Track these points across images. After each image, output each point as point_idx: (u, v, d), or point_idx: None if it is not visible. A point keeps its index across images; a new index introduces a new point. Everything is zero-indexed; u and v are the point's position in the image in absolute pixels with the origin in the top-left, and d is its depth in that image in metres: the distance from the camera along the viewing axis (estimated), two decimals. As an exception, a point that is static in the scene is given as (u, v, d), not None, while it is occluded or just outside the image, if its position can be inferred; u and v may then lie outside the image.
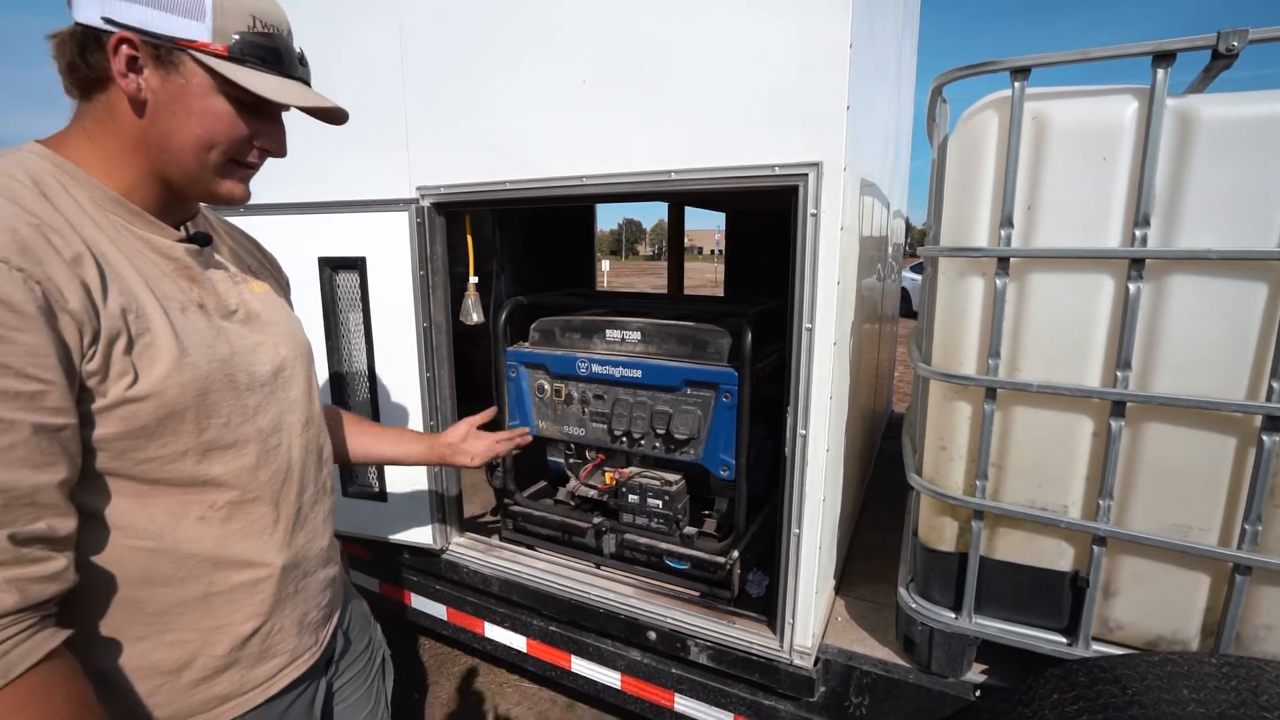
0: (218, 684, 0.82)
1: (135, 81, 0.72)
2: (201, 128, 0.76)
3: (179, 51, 0.73)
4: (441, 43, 1.67)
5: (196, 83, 0.75)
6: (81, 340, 0.65)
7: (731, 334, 1.70)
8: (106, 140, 0.75)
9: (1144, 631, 1.30)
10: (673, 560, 1.76)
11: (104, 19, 0.70)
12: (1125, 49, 1.16)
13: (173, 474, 0.75)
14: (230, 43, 0.75)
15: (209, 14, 0.73)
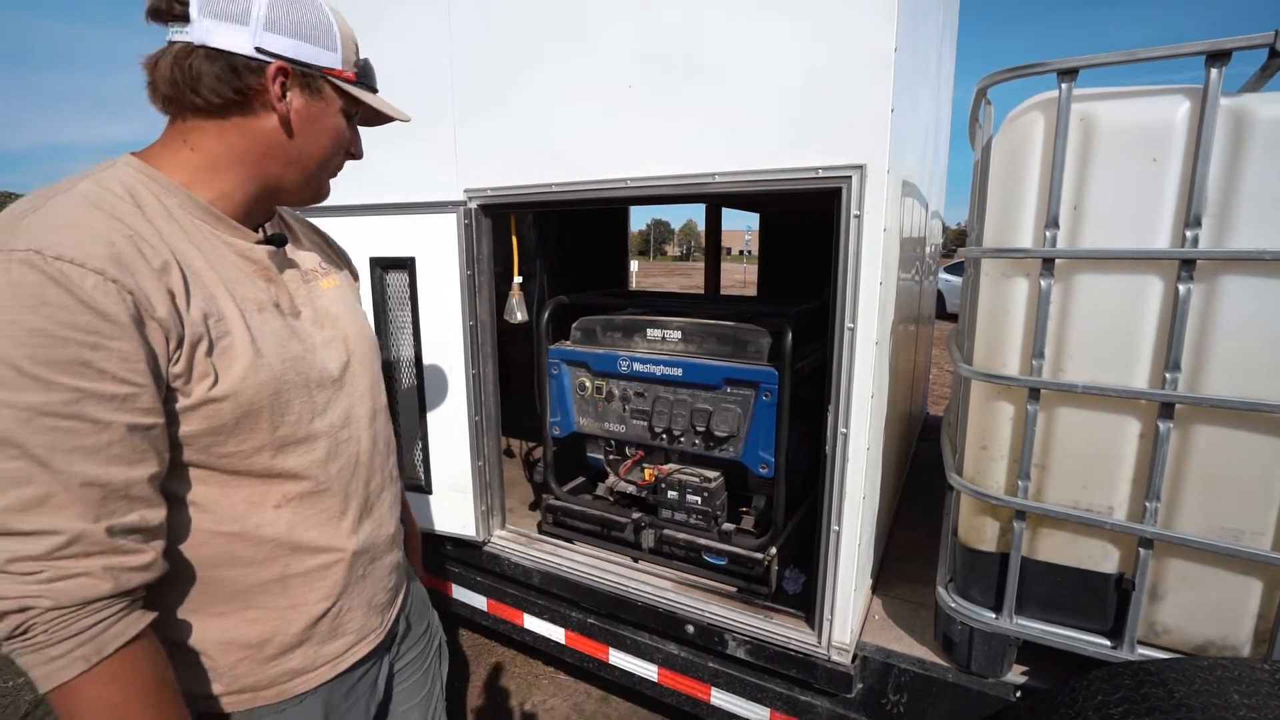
0: (292, 659, 0.87)
1: (288, 105, 0.81)
2: (330, 140, 0.87)
3: (320, 78, 0.83)
4: (489, 50, 1.73)
5: (332, 104, 0.85)
6: (167, 345, 0.70)
7: (772, 334, 1.72)
8: (218, 152, 0.80)
9: (1192, 636, 1.29)
10: (711, 556, 1.79)
11: (257, 49, 0.77)
12: (1178, 49, 1.16)
13: (250, 467, 0.80)
14: (354, 69, 0.86)
15: (339, 45, 0.84)
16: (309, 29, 0.80)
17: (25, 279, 0.62)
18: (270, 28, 0.77)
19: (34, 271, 0.62)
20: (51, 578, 0.62)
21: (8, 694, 2.41)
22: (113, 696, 0.65)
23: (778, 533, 1.72)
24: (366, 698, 1.00)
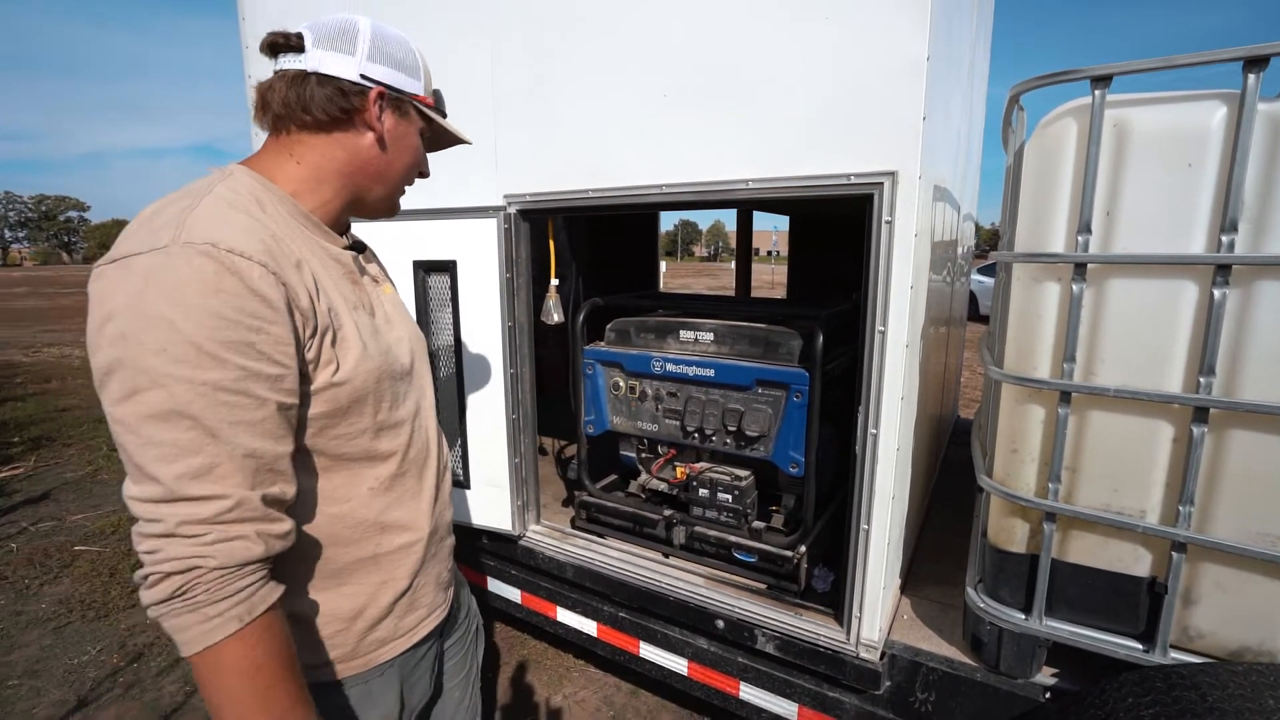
0: (380, 629, 0.96)
1: (383, 126, 0.92)
2: (411, 158, 0.99)
3: (408, 103, 0.95)
4: (529, 62, 1.80)
5: (414, 125, 0.97)
6: (305, 333, 0.79)
7: (803, 336, 1.76)
8: (321, 165, 0.89)
9: (1226, 641, 1.29)
10: (740, 553, 1.83)
11: (361, 75, 0.88)
12: (1215, 55, 1.16)
13: (351, 449, 0.89)
14: (432, 96, 1.00)
15: (421, 75, 0.97)
16: (400, 61, 0.92)
17: (205, 268, 0.69)
18: (371, 59, 0.89)
19: (212, 262, 0.70)
20: (216, 539, 0.70)
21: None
22: (257, 657, 0.72)
23: (807, 531, 1.75)
24: (428, 670, 1.08)
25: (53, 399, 7.22)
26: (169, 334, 0.67)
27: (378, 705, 0.98)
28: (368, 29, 0.90)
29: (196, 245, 0.70)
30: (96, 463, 5.09)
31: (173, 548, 0.68)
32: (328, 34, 0.88)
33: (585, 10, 1.69)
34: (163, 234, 0.71)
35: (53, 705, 2.40)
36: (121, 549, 3.63)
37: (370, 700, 0.98)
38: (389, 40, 0.92)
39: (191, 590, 0.69)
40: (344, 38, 0.88)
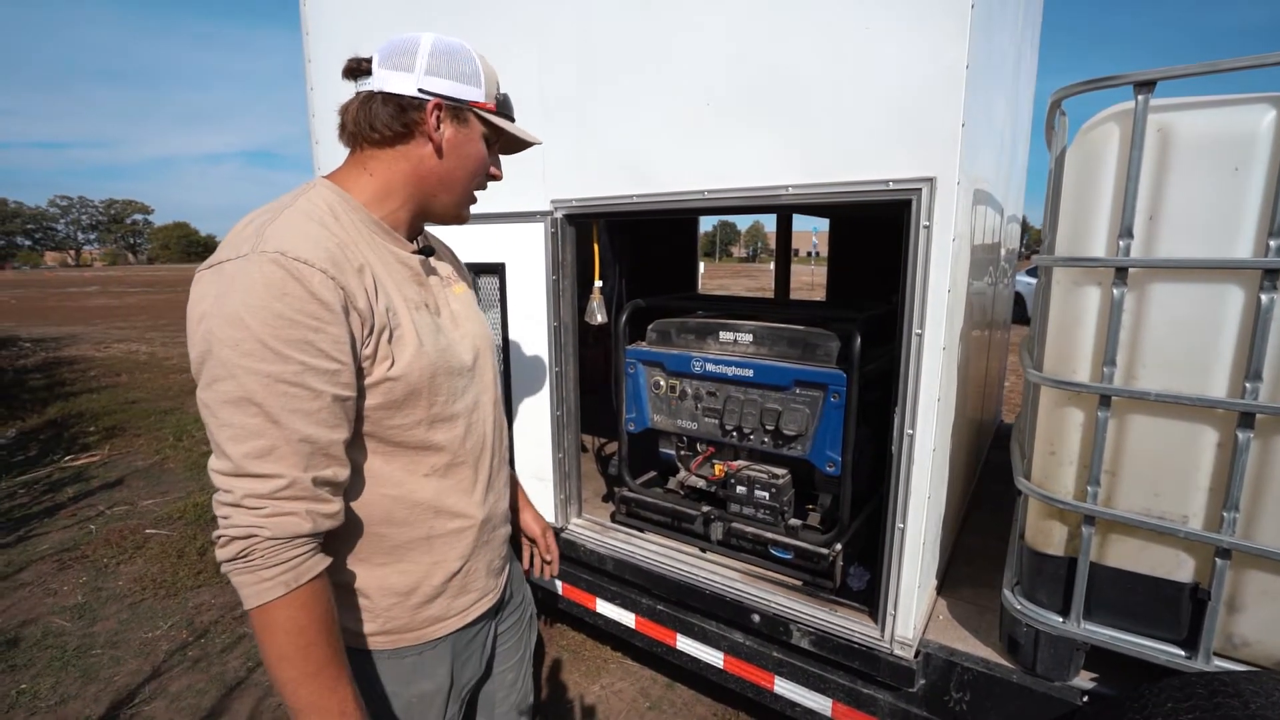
0: (432, 607, 1.04)
1: (441, 135, 0.98)
2: (474, 163, 1.03)
3: (468, 110, 1.00)
4: (577, 71, 1.88)
5: (475, 132, 1.02)
6: (362, 332, 0.87)
7: (841, 338, 1.79)
8: (390, 177, 0.98)
9: (1273, 650, 1.27)
10: (777, 550, 1.87)
11: (419, 90, 0.95)
12: (1261, 59, 1.15)
13: (409, 438, 0.97)
14: (494, 101, 1.03)
15: (482, 82, 1.00)
16: (459, 71, 0.97)
17: (273, 274, 0.79)
18: (429, 73, 0.95)
19: (279, 269, 0.79)
20: (271, 513, 0.79)
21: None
22: (300, 619, 0.81)
23: (844, 529, 1.78)
24: (479, 651, 1.16)
25: (123, 392, 7.68)
26: (241, 331, 0.77)
27: (430, 677, 1.06)
28: (428, 44, 0.96)
29: (269, 254, 0.79)
30: (164, 452, 5.41)
31: (238, 516, 0.79)
32: (390, 54, 0.96)
33: (632, 23, 1.76)
34: (245, 244, 0.81)
35: (130, 674, 2.60)
36: (188, 533, 3.86)
37: (422, 671, 1.06)
38: (448, 52, 0.97)
39: (250, 555, 0.79)
40: (404, 55, 0.95)
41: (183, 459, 5.25)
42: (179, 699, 2.45)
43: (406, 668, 1.04)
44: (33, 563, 3.49)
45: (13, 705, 2.41)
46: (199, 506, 4.24)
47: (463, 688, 1.14)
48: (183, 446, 5.56)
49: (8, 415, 6.50)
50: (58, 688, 2.51)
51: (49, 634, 2.86)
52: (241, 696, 2.47)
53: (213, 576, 3.36)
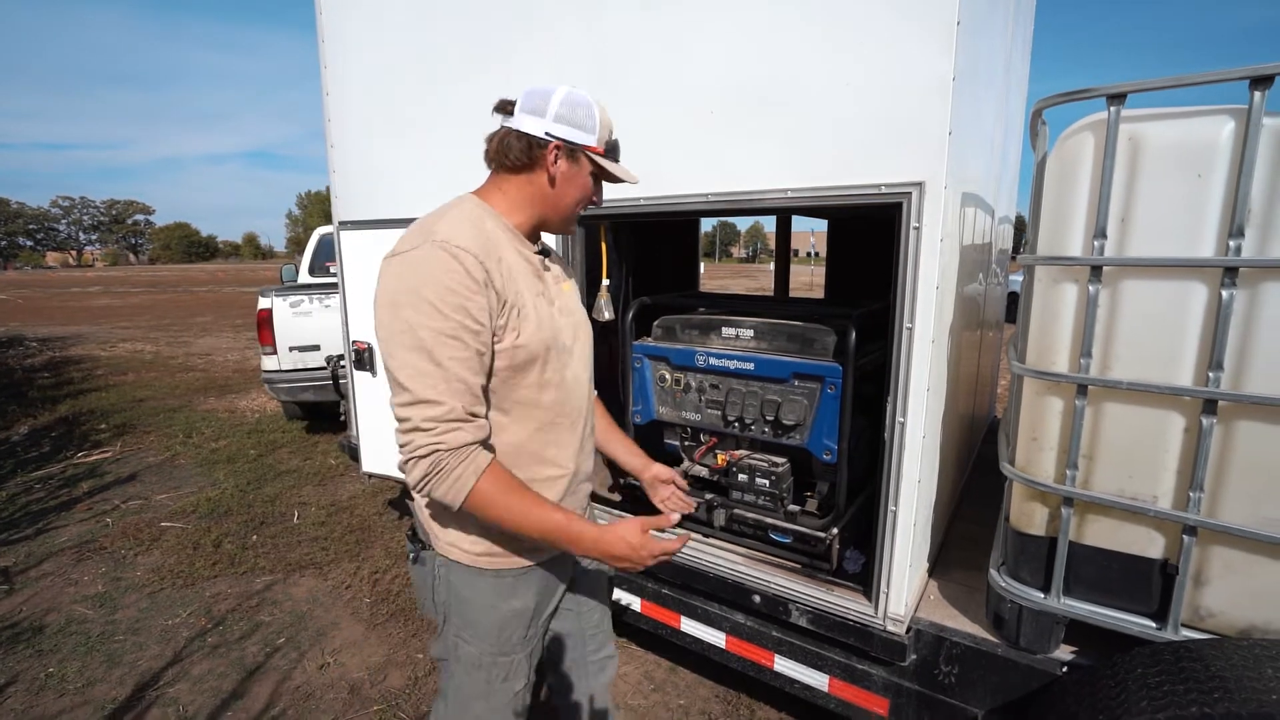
0: (527, 539, 1.26)
1: (557, 170, 1.24)
2: (580, 193, 1.30)
3: (581, 153, 1.26)
4: (588, 80, 1.97)
5: (585, 169, 1.28)
6: (497, 306, 1.14)
7: (837, 332, 1.89)
8: (518, 196, 1.27)
9: (1236, 620, 1.37)
10: (776, 534, 1.97)
11: (546, 133, 1.22)
12: (1224, 74, 1.25)
13: (524, 397, 1.23)
14: (604, 146, 1.29)
15: (597, 130, 1.26)
16: (579, 121, 1.24)
17: (441, 257, 1.08)
18: (556, 120, 1.22)
19: (444, 253, 1.09)
20: (444, 431, 1.08)
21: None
22: (501, 486, 1.13)
23: (840, 514, 1.88)
24: (559, 587, 1.43)
25: (130, 390, 7.79)
26: (418, 297, 1.07)
27: (520, 598, 1.31)
28: (559, 96, 1.22)
29: (437, 242, 1.10)
30: (174, 449, 5.51)
31: (419, 439, 1.08)
32: (529, 101, 1.23)
33: (641, 33, 1.86)
34: (419, 238, 1.12)
35: (153, 659, 2.70)
36: (203, 526, 3.96)
37: (513, 592, 1.30)
38: (574, 105, 1.23)
39: (440, 466, 1.08)
40: (539, 103, 1.22)
41: (193, 455, 5.35)
42: (201, 681, 2.55)
43: (505, 586, 1.29)
44: (52, 554, 3.59)
45: (42, 688, 2.51)
46: (212, 500, 4.34)
47: (544, 614, 1.39)
48: (192, 443, 5.66)
49: (19, 413, 6.60)
50: (84, 671, 2.61)
51: (72, 621, 2.96)
52: (261, 680, 2.56)
53: (228, 567, 3.46)
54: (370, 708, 2.41)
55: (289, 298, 5.31)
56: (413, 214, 2.44)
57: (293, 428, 6.09)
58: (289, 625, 2.95)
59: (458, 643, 1.32)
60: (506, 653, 1.33)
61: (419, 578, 1.37)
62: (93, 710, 2.39)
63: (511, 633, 1.32)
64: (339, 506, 4.29)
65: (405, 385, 1.08)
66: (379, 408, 2.83)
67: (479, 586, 1.28)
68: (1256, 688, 1.16)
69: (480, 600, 1.29)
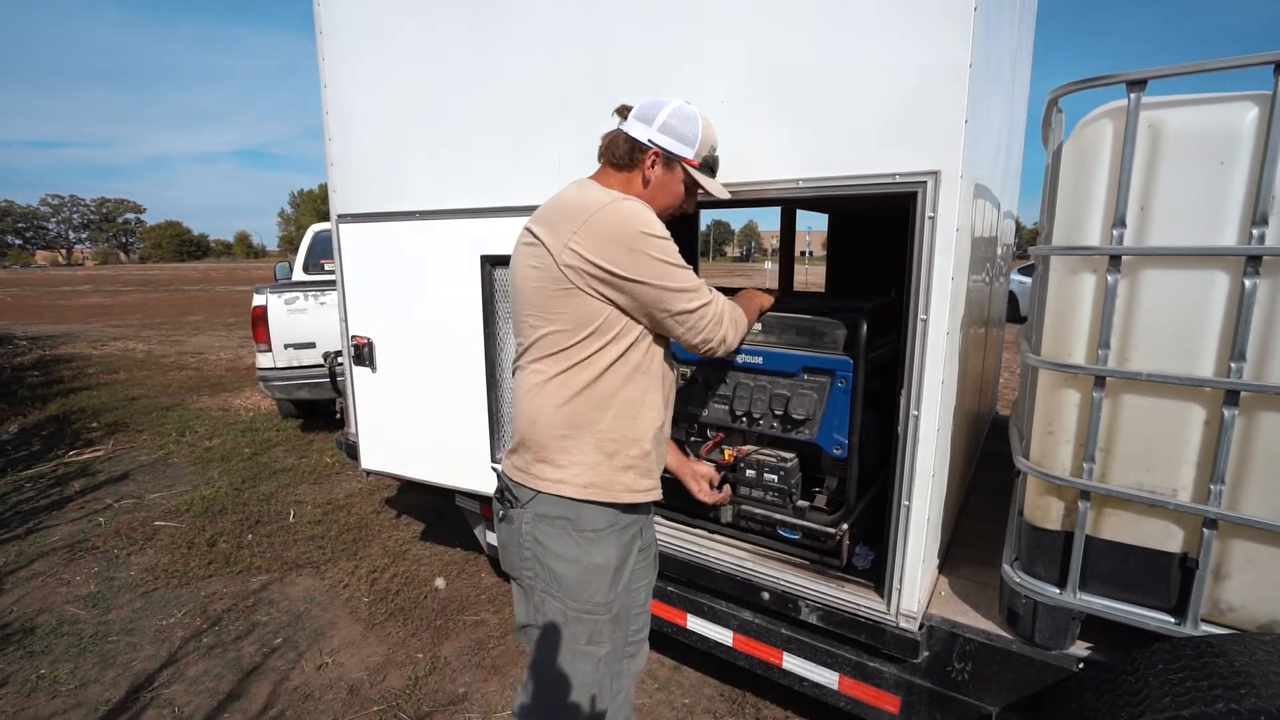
0: (627, 475, 1.42)
1: (651, 173, 1.44)
2: (671, 198, 1.49)
3: (677, 162, 1.45)
4: (591, 69, 1.94)
5: (678, 177, 1.47)
6: None
7: (847, 326, 1.86)
8: (617, 189, 1.43)
9: (1257, 615, 1.35)
10: (785, 530, 1.94)
11: (649, 140, 1.42)
12: (1247, 59, 1.23)
13: (648, 342, 1.43)
14: (700, 161, 1.47)
15: (697, 145, 1.45)
16: (680, 134, 1.42)
17: (638, 207, 1.36)
18: (661, 130, 1.42)
19: (639, 207, 1.36)
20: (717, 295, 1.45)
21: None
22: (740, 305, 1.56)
23: (850, 509, 1.85)
24: (649, 534, 1.60)
25: (122, 388, 7.70)
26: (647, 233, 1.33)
27: (601, 551, 1.40)
28: (670, 109, 1.42)
29: (627, 202, 1.36)
30: (167, 447, 5.44)
31: (711, 309, 1.42)
32: (641, 109, 1.44)
33: (648, 24, 1.82)
34: (603, 197, 1.36)
35: (147, 659, 2.65)
36: (197, 525, 3.91)
37: (596, 545, 1.39)
38: (680, 118, 1.42)
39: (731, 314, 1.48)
40: (651, 112, 1.43)
41: (187, 454, 5.28)
42: (196, 683, 2.50)
43: (588, 540, 1.39)
44: (44, 554, 3.53)
45: (34, 689, 2.45)
46: (206, 499, 4.28)
47: (623, 578, 1.46)
48: (186, 442, 5.59)
49: (9, 411, 6.51)
50: (76, 673, 2.55)
51: (64, 622, 2.90)
52: (258, 681, 2.52)
53: (224, 566, 3.41)
54: (370, 708, 2.37)
55: (284, 295, 5.26)
56: (418, 207, 2.39)
57: (288, 426, 6.02)
58: (286, 625, 2.90)
59: (545, 598, 1.40)
60: (591, 611, 1.40)
61: (506, 535, 1.46)
62: (86, 712, 2.34)
63: (595, 590, 1.40)
64: (335, 505, 4.24)
65: (682, 285, 1.35)
66: (378, 404, 2.79)
67: (566, 539, 1.38)
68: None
69: (566, 552, 1.37)
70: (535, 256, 1.35)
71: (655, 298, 1.33)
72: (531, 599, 1.44)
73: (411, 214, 2.45)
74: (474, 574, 3.34)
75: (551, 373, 1.37)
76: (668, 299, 1.34)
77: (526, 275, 1.38)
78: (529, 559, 1.41)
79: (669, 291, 1.33)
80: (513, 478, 1.43)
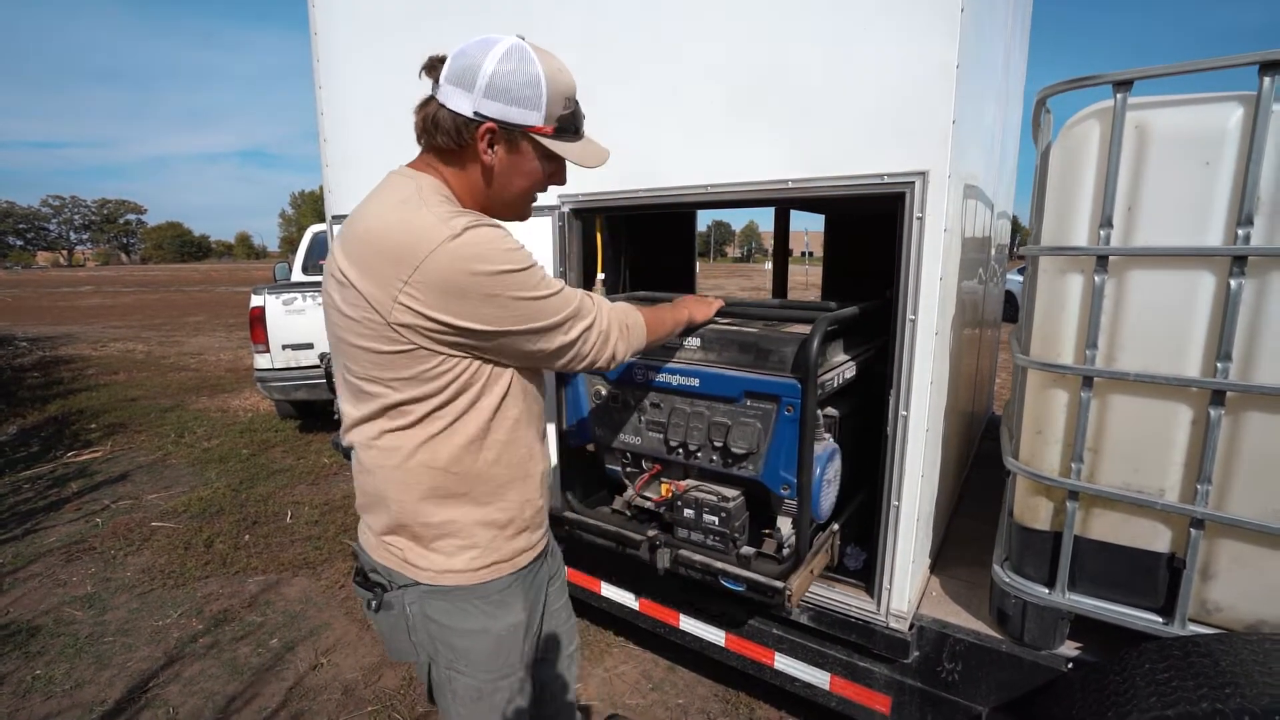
0: (522, 537, 1.21)
1: (491, 156, 1.05)
2: (528, 182, 1.11)
3: (522, 135, 1.05)
4: (582, 69, 1.94)
5: (529, 154, 1.07)
6: None
7: (797, 342, 1.57)
8: (452, 181, 1.09)
9: (1244, 615, 1.35)
10: (728, 581, 1.64)
11: (475, 113, 1.01)
12: (1232, 60, 1.24)
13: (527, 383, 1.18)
14: (554, 124, 1.06)
15: (544, 105, 1.03)
16: (516, 95, 1.01)
17: (483, 240, 0.98)
18: (487, 95, 1.00)
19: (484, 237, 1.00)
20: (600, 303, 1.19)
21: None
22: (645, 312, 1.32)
23: (800, 561, 1.57)
24: (541, 590, 1.34)
25: (122, 389, 7.70)
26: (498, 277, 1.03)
27: (510, 612, 1.21)
28: (491, 64, 0.99)
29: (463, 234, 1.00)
30: (166, 449, 5.45)
31: (596, 326, 1.16)
32: (455, 69, 1.01)
33: (638, 22, 1.83)
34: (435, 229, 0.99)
35: (143, 660, 2.65)
36: (194, 526, 3.91)
37: (503, 607, 1.19)
38: (511, 72, 1.00)
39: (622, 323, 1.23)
40: (467, 73, 1.00)
41: (185, 455, 5.29)
42: (193, 683, 2.51)
43: (493, 604, 1.18)
44: (41, 555, 3.54)
45: (29, 691, 2.46)
46: (204, 500, 4.28)
47: (534, 625, 1.29)
48: (185, 443, 5.59)
49: (8, 412, 6.52)
50: (72, 673, 2.56)
51: (60, 623, 2.91)
52: (256, 682, 2.52)
53: (220, 567, 3.42)
54: (365, 708, 2.37)
55: (282, 295, 5.26)
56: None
57: (286, 427, 6.03)
58: (282, 626, 2.90)
59: (451, 676, 1.19)
60: (508, 674, 1.23)
61: (387, 624, 1.19)
62: (82, 713, 2.34)
63: (510, 651, 1.22)
64: (333, 506, 4.24)
65: (557, 320, 1.06)
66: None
67: (467, 610, 1.16)
68: (1269, 683, 1.14)
69: (470, 625, 1.16)
70: (351, 304, 1.00)
71: (527, 343, 1.05)
72: (433, 678, 1.22)
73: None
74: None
75: (412, 445, 1.07)
76: (542, 339, 1.06)
77: (346, 326, 1.02)
78: (424, 641, 1.18)
79: (543, 333, 1.05)
80: (382, 561, 1.16)
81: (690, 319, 1.58)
